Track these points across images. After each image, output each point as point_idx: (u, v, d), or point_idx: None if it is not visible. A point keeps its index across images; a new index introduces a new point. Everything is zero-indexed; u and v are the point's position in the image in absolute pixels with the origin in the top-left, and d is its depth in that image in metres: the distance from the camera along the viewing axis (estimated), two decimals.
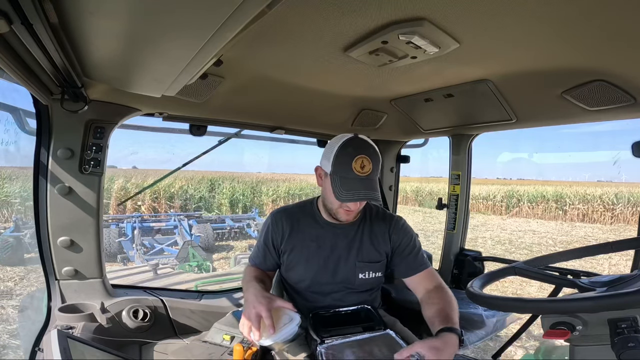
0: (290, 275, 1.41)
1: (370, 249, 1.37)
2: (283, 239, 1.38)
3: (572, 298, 0.81)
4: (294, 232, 1.38)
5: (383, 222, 1.40)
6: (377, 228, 1.39)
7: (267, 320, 1.08)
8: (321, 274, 1.35)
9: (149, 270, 5.81)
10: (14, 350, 3.73)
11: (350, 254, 1.36)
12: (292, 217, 1.40)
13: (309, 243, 1.37)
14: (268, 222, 1.42)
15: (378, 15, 0.90)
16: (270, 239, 1.39)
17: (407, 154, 2.63)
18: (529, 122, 1.72)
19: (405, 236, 1.39)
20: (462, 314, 1.78)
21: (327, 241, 1.36)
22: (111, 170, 20.18)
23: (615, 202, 16.85)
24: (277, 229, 1.39)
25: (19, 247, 7.19)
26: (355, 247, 1.36)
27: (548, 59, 1.13)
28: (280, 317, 1.17)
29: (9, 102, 1.44)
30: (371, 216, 1.41)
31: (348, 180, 1.17)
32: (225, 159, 60.31)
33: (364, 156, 1.17)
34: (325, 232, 1.37)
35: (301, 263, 1.37)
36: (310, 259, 1.36)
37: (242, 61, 1.23)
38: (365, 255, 1.36)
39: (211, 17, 0.61)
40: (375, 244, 1.37)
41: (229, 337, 1.53)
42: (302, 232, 1.38)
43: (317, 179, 1.34)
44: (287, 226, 1.38)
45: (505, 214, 19.30)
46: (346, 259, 1.35)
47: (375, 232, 1.38)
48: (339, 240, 1.36)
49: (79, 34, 0.82)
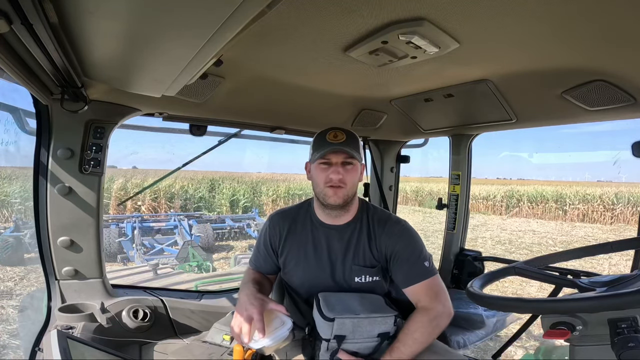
0: (289, 278, 1.41)
1: (366, 252, 1.31)
2: (280, 241, 1.38)
3: (572, 298, 0.81)
4: (290, 234, 1.37)
5: (380, 225, 1.32)
6: (374, 231, 1.33)
7: (258, 323, 1.08)
8: (319, 276, 1.34)
9: (149, 270, 5.82)
10: (14, 350, 3.73)
11: (347, 256, 1.32)
12: (288, 219, 1.40)
13: (305, 245, 1.36)
14: (266, 225, 1.43)
15: (378, 15, 0.90)
16: (268, 241, 1.40)
17: (407, 153, 2.64)
18: (529, 122, 1.72)
19: (401, 242, 1.28)
20: (462, 314, 1.79)
21: (322, 242, 1.34)
22: (111, 170, 20.18)
23: (615, 202, 16.85)
24: (275, 231, 1.39)
25: (19, 247, 7.19)
26: (351, 250, 1.31)
27: (548, 59, 1.13)
28: (272, 320, 1.16)
29: (9, 102, 1.44)
30: (371, 218, 1.35)
31: (324, 147, 1.24)
32: (226, 159, 60.37)
33: (336, 130, 1.28)
34: (321, 233, 1.35)
35: (299, 265, 1.36)
36: (306, 260, 1.35)
37: (242, 61, 1.23)
38: (361, 258, 1.31)
39: (211, 17, 0.61)
40: (372, 247, 1.31)
41: (229, 337, 1.53)
42: (299, 234, 1.37)
43: (307, 175, 1.38)
44: (284, 228, 1.38)
45: (505, 214, 19.29)
46: (342, 262, 1.32)
47: (372, 234, 1.32)
48: (334, 242, 1.33)
49: (79, 33, 0.82)
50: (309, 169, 1.36)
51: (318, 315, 1.16)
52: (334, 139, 1.25)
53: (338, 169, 1.24)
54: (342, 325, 1.12)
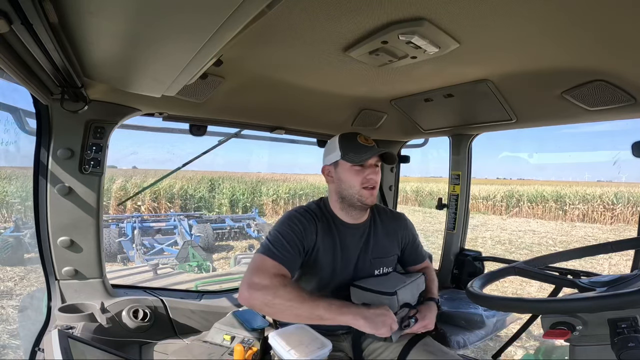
0: (309, 280, 1.35)
1: (383, 244, 1.42)
2: (313, 239, 1.29)
3: (572, 298, 0.81)
4: (323, 234, 1.32)
5: (394, 221, 1.49)
6: (388, 226, 1.46)
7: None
8: (343, 274, 1.35)
9: (149, 270, 5.80)
10: (14, 350, 3.73)
11: (367, 251, 1.39)
12: (319, 217, 1.34)
13: (333, 245, 1.33)
14: (299, 219, 1.28)
15: (378, 15, 0.90)
16: (302, 237, 1.25)
17: (407, 153, 2.63)
18: (529, 122, 1.72)
19: (411, 233, 1.53)
20: (462, 314, 1.79)
21: (347, 241, 1.36)
22: (111, 170, 20.19)
23: (615, 202, 16.85)
24: (311, 228, 1.28)
25: (19, 247, 7.19)
26: (370, 244, 1.40)
27: (548, 59, 1.13)
28: (311, 341, 1.18)
29: (9, 102, 1.44)
30: (380, 216, 1.47)
31: (360, 149, 1.29)
32: (225, 159, 60.35)
33: (363, 134, 1.35)
34: (344, 232, 1.36)
35: (328, 266, 1.32)
36: (334, 260, 1.33)
37: (242, 61, 1.23)
38: (380, 251, 1.41)
39: (211, 17, 0.61)
40: (387, 241, 1.44)
41: (229, 337, 1.53)
42: (327, 233, 1.33)
43: (327, 178, 1.38)
44: (319, 227, 1.31)
45: (505, 214, 19.30)
46: (364, 257, 1.38)
47: (387, 229, 1.45)
48: (356, 239, 1.38)
49: (79, 33, 0.82)
50: (332, 172, 1.35)
51: (378, 296, 1.24)
52: (366, 142, 1.32)
53: (375, 170, 1.33)
54: (403, 294, 1.26)
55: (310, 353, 1.12)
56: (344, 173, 1.31)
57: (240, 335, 1.53)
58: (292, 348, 1.14)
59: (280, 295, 1.10)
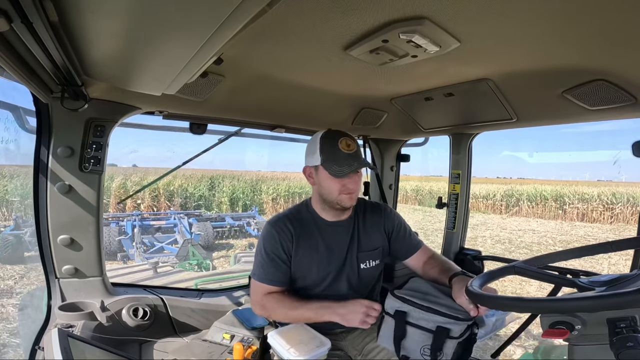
0: (301, 280, 1.38)
1: (367, 238, 1.43)
2: (293, 244, 1.34)
3: (571, 297, 0.81)
4: (301, 236, 1.36)
5: (375, 213, 1.48)
6: (370, 219, 1.46)
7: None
8: (330, 272, 1.37)
9: (148, 268, 5.81)
10: (14, 349, 3.73)
11: (352, 247, 1.40)
12: (294, 222, 1.37)
13: (316, 245, 1.36)
14: (272, 232, 1.35)
15: (379, 13, 0.89)
16: (281, 248, 1.33)
17: (407, 152, 2.63)
18: (530, 122, 1.71)
19: (396, 221, 1.49)
20: None
21: (331, 239, 1.38)
22: (111, 169, 20.19)
23: (615, 201, 16.85)
24: (285, 236, 1.34)
25: (19, 245, 7.19)
26: (355, 240, 1.41)
27: (548, 58, 1.13)
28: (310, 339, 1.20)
29: (9, 101, 1.44)
30: (363, 210, 1.47)
31: (340, 159, 1.26)
32: (226, 157, 60.33)
33: (345, 137, 1.30)
34: (328, 231, 1.38)
35: (313, 266, 1.36)
36: (320, 260, 1.36)
37: (243, 60, 1.23)
38: (364, 245, 1.42)
39: (212, 15, 0.61)
40: (371, 233, 1.44)
41: (229, 335, 1.53)
42: (308, 235, 1.37)
43: (308, 179, 1.38)
44: (294, 232, 1.35)
45: (505, 213, 19.30)
46: (350, 253, 1.40)
47: (370, 222, 1.45)
48: (342, 236, 1.40)
49: (79, 32, 0.82)
50: (313, 174, 1.34)
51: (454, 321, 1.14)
52: (347, 149, 1.27)
53: (355, 179, 1.31)
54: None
55: (309, 351, 1.13)
56: (324, 180, 1.30)
57: (240, 333, 1.54)
58: (291, 347, 1.15)
59: (274, 309, 1.33)
